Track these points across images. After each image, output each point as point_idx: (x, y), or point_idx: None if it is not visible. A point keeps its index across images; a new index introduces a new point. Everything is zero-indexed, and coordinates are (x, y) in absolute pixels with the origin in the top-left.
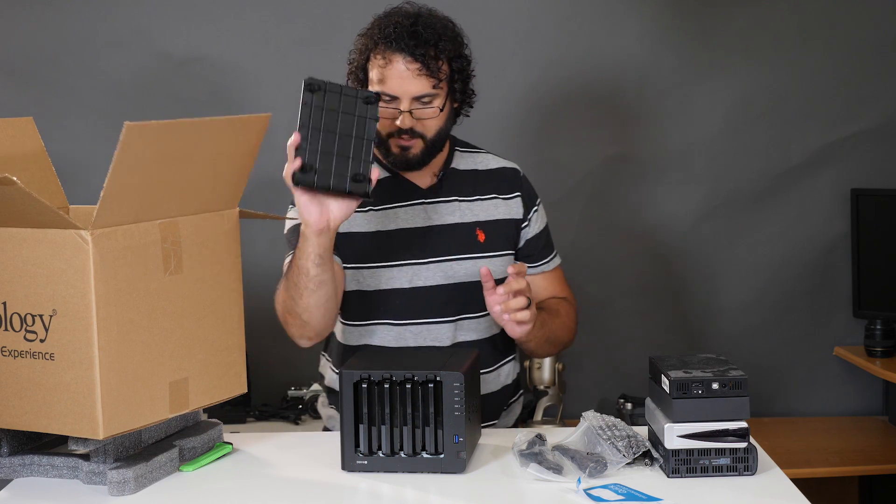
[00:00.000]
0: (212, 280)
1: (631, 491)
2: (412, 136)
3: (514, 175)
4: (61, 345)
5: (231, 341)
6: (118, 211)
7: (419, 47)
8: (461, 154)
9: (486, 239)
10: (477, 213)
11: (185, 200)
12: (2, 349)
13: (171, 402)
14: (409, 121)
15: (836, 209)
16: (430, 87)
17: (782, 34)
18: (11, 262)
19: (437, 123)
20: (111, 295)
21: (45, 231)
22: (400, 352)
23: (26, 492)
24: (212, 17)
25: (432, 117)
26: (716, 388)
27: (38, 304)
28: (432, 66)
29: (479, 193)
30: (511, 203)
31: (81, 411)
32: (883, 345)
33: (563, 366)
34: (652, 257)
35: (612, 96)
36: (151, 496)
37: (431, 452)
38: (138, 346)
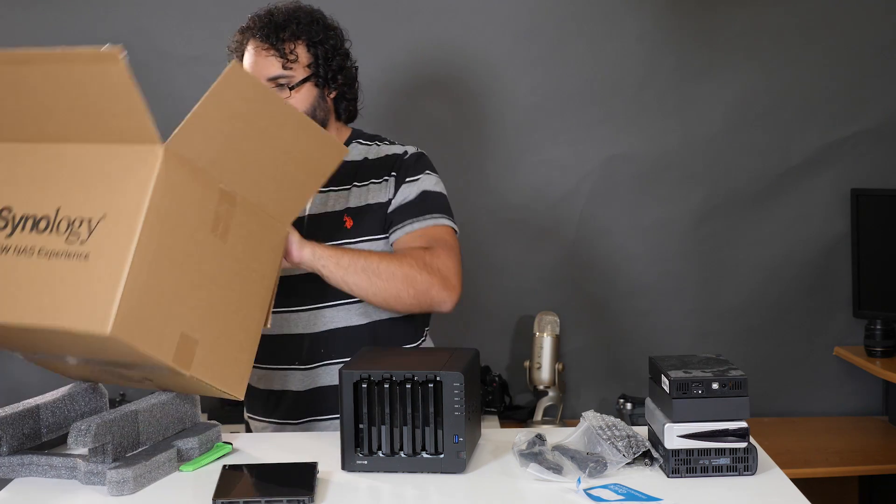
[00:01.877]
0: (245, 276)
1: (631, 491)
2: None
3: (397, 158)
4: (99, 246)
5: (245, 342)
6: (193, 145)
7: (266, 29)
8: (358, 146)
9: (354, 225)
10: (348, 201)
11: (250, 182)
12: (39, 250)
13: (177, 351)
14: None
15: (836, 209)
16: (280, 68)
17: (782, 34)
18: (76, 172)
19: (298, 106)
20: (162, 214)
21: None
22: (400, 352)
23: (26, 492)
24: (212, 17)
25: (285, 97)
26: (716, 388)
27: (91, 210)
28: (280, 47)
29: (358, 180)
30: (383, 186)
31: (96, 306)
32: (883, 345)
33: (563, 366)
34: (652, 257)
35: (612, 96)
36: (151, 496)
37: (431, 452)
38: (168, 274)
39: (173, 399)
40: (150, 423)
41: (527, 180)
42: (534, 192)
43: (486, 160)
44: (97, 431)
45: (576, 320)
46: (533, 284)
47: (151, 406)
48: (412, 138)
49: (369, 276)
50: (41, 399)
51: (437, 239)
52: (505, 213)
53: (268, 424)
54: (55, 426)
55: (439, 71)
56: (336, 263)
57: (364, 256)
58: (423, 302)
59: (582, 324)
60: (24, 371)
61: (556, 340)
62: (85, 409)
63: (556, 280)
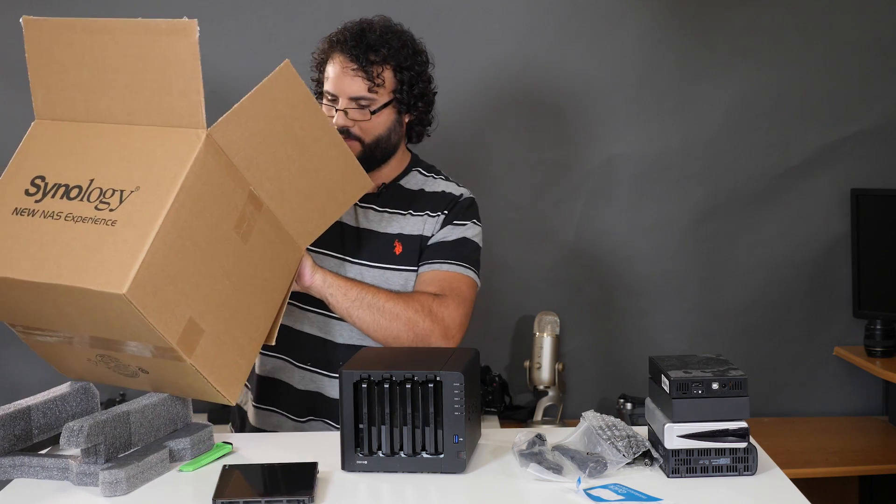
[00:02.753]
0: (258, 284)
1: (631, 491)
2: (348, 138)
3: (453, 198)
4: (129, 215)
5: (246, 348)
6: (233, 138)
7: (358, 48)
8: (417, 175)
9: (402, 252)
10: (402, 226)
11: (277, 193)
12: (67, 215)
13: (183, 334)
14: (343, 120)
15: (836, 209)
16: (365, 90)
17: (782, 34)
18: (115, 149)
19: (373, 128)
20: (193, 196)
21: (161, 129)
22: (400, 352)
23: (23, 493)
24: (212, 17)
25: (364, 119)
26: (716, 388)
27: (125, 182)
28: (369, 69)
29: (413, 210)
30: (432, 220)
31: (117, 267)
32: (883, 345)
33: (563, 366)
34: (652, 257)
35: (612, 96)
36: (151, 496)
37: (431, 452)
38: (189, 256)
39: (165, 400)
40: (142, 424)
41: (527, 180)
42: (534, 192)
43: (486, 160)
44: (89, 432)
45: (576, 320)
46: (533, 284)
47: (143, 407)
48: None
49: (373, 312)
50: (33, 400)
51: (453, 288)
52: (505, 213)
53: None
54: (47, 427)
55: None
56: (344, 294)
57: (372, 293)
58: (420, 345)
59: (582, 324)
60: (24, 371)
61: (556, 340)
62: (77, 409)
63: (556, 280)
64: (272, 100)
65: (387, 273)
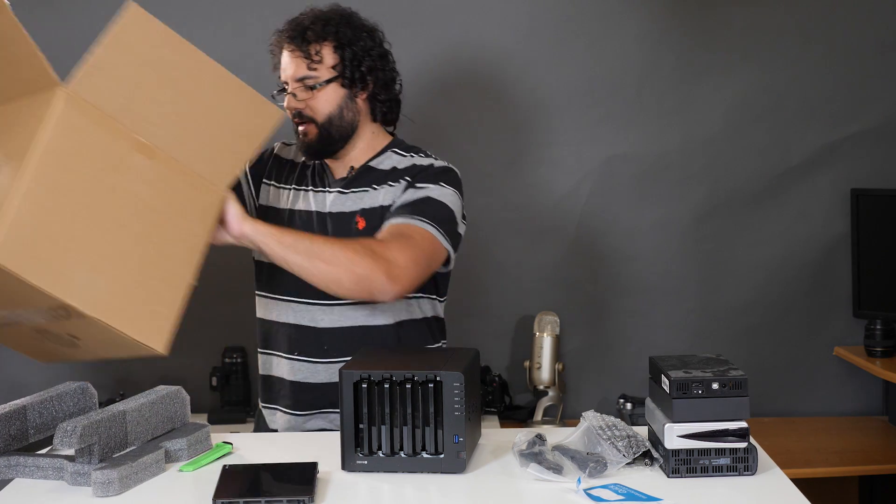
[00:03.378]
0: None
1: (631, 491)
2: (303, 120)
3: (420, 168)
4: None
5: (166, 296)
6: (98, 90)
7: (295, 30)
8: (393, 155)
9: (366, 226)
10: (364, 202)
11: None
12: None
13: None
14: (293, 102)
15: (836, 209)
16: (305, 69)
17: (782, 34)
18: None
19: (321, 106)
20: (62, 151)
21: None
22: (400, 352)
23: (26, 492)
24: (212, 17)
25: (309, 98)
26: (716, 388)
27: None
28: (305, 48)
29: (375, 184)
30: (394, 189)
31: None
32: (883, 345)
33: (563, 366)
34: (652, 257)
35: (612, 96)
36: (151, 496)
37: (431, 452)
38: (70, 212)
39: (162, 399)
40: (138, 423)
41: (527, 180)
42: (534, 192)
43: (486, 160)
44: (83, 432)
45: (576, 320)
46: (533, 284)
47: (140, 406)
48: (412, 138)
49: (311, 258)
50: (28, 399)
51: (402, 234)
52: (505, 213)
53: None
54: (43, 427)
55: (439, 71)
56: (278, 241)
57: (309, 238)
58: (363, 288)
59: (582, 324)
60: (24, 371)
61: (556, 340)
62: (73, 409)
63: (556, 280)
64: (129, 45)
65: None
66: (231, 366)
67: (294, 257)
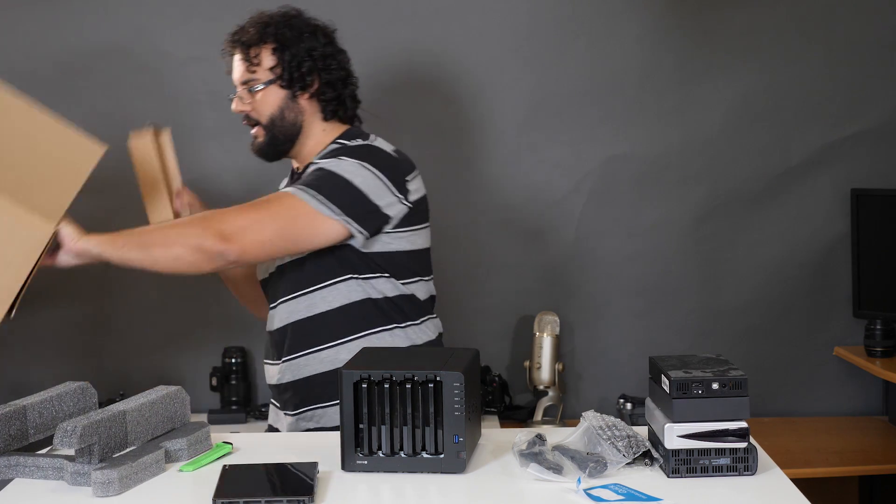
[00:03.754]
0: None
1: (631, 491)
2: (250, 123)
3: (335, 149)
4: None
5: None
6: None
7: (237, 34)
8: (334, 145)
9: None
10: None
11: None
12: None
13: None
14: (239, 105)
15: (836, 209)
16: (247, 73)
17: (782, 34)
18: None
19: (262, 108)
20: None
21: None
22: (400, 352)
23: (25, 492)
24: (212, 17)
25: (252, 101)
26: (716, 388)
27: None
28: (246, 52)
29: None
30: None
31: None
32: (883, 345)
33: (563, 366)
34: (652, 257)
35: (612, 96)
36: (151, 496)
37: (431, 452)
38: None
39: (162, 399)
40: (138, 423)
41: (527, 180)
42: (534, 192)
43: (486, 160)
44: (83, 432)
45: (576, 320)
46: (533, 284)
47: (140, 406)
48: (412, 139)
49: (146, 247)
50: (28, 399)
51: (256, 202)
52: (505, 213)
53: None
54: (43, 426)
55: (439, 71)
56: (112, 245)
57: (141, 231)
58: (204, 256)
59: (582, 324)
60: (24, 371)
61: (556, 340)
62: (73, 409)
63: (556, 280)
64: None
65: None
66: (231, 366)
67: (132, 254)
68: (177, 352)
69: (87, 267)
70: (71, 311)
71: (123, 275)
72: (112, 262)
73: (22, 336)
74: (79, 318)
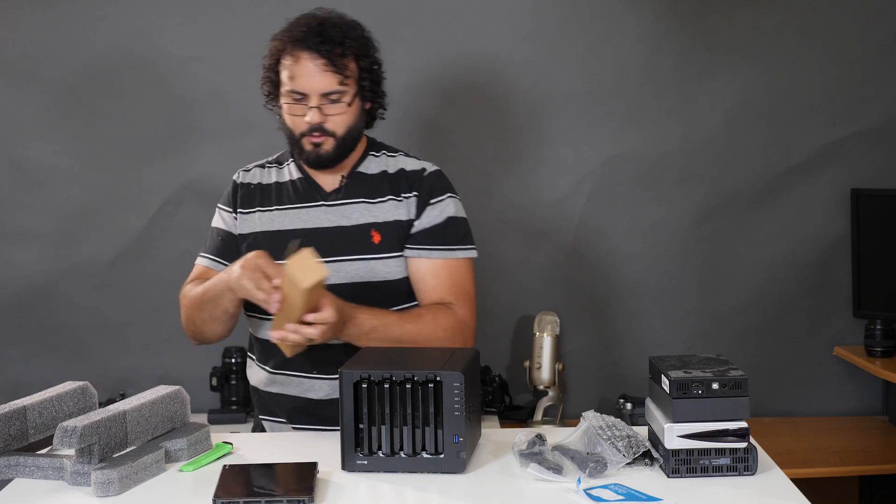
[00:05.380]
0: None
1: (631, 491)
2: (323, 134)
3: (417, 176)
4: None
5: None
6: None
7: (324, 44)
8: (374, 158)
9: (381, 240)
10: (374, 215)
11: None
12: None
13: None
14: (318, 116)
15: (836, 209)
16: (336, 84)
17: (782, 34)
18: None
19: (346, 120)
20: None
21: None
22: (400, 352)
23: (25, 492)
24: (212, 17)
25: (340, 113)
26: (716, 388)
27: None
28: (338, 63)
29: (379, 196)
30: (404, 204)
31: None
32: (883, 345)
33: (563, 366)
34: (652, 257)
35: (612, 96)
36: (152, 496)
37: (431, 452)
38: None
39: (162, 399)
40: (138, 423)
41: (527, 180)
42: (534, 192)
43: (486, 160)
44: (83, 432)
45: (576, 320)
46: (533, 284)
47: (140, 406)
48: (412, 139)
49: (398, 343)
50: (28, 400)
51: (456, 284)
52: (505, 213)
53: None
54: (43, 427)
55: (439, 71)
56: (368, 339)
57: (396, 327)
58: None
59: (582, 324)
60: (24, 371)
61: (556, 340)
62: (73, 409)
63: (556, 280)
64: None
65: (371, 263)
66: (231, 366)
67: (379, 345)
68: (177, 352)
69: (87, 267)
70: (71, 312)
71: (123, 275)
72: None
73: (22, 336)
74: (79, 318)
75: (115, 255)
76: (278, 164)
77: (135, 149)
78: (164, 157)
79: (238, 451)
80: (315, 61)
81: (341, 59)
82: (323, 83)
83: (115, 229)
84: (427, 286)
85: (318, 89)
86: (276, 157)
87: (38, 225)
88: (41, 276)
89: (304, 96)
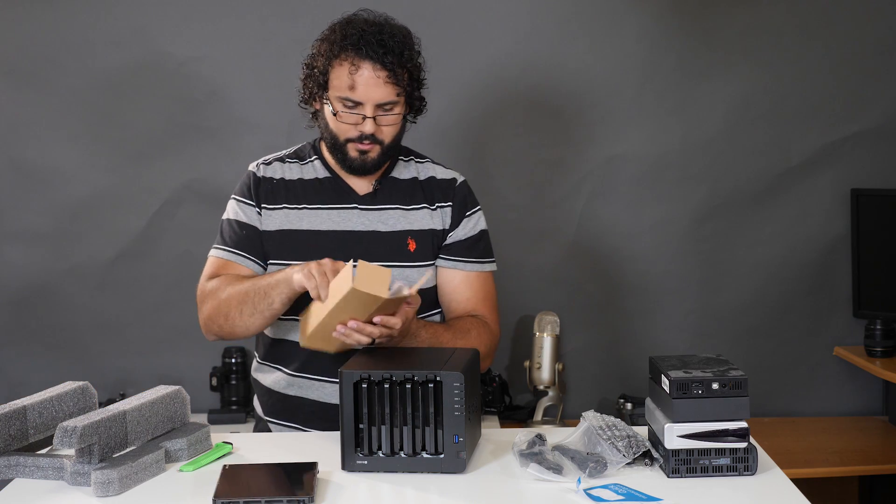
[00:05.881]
0: None
1: (631, 491)
2: (372, 142)
3: (449, 186)
4: None
5: None
6: None
7: (387, 55)
8: (404, 163)
9: (417, 248)
10: (410, 222)
11: None
12: None
13: None
14: (372, 126)
15: (836, 209)
16: (394, 95)
17: (782, 34)
18: None
19: (395, 130)
20: None
21: None
22: (400, 352)
23: (25, 491)
24: (212, 17)
25: (393, 124)
26: (716, 388)
27: None
28: (398, 75)
29: (414, 203)
30: (438, 213)
31: None
32: (883, 345)
33: (563, 366)
34: (652, 257)
35: (612, 96)
36: (152, 496)
37: (431, 452)
38: None
39: (162, 399)
40: (138, 423)
41: (527, 180)
42: (534, 192)
43: (486, 160)
44: (83, 432)
45: (576, 320)
46: (533, 284)
47: (140, 406)
48: (412, 138)
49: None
50: (28, 400)
51: (487, 297)
52: (505, 213)
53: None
54: (43, 427)
55: (439, 71)
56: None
57: (449, 344)
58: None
59: (582, 324)
60: (24, 371)
61: (556, 340)
62: (73, 409)
63: (556, 280)
64: None
65: (406, 271)
66: (231, 366)
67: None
68: (177, 352)
69: (87, 266)
70: (71, 311)
71: (123, 275)
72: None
73: (22, 336)
74: (79, 318)
75: (115, 254)
76: (299, 159)
77: (135, 149)
78: (165, 157)
79: (238, 451)
80: (378, 72)
81: (402, 70)
82: (382, 94)
83: (115, 229)
84: (460, 297)
85: (376, 100)
86: (294, 152)
87: (38, 225)
88: (41, 275)
89: (357, 104)
